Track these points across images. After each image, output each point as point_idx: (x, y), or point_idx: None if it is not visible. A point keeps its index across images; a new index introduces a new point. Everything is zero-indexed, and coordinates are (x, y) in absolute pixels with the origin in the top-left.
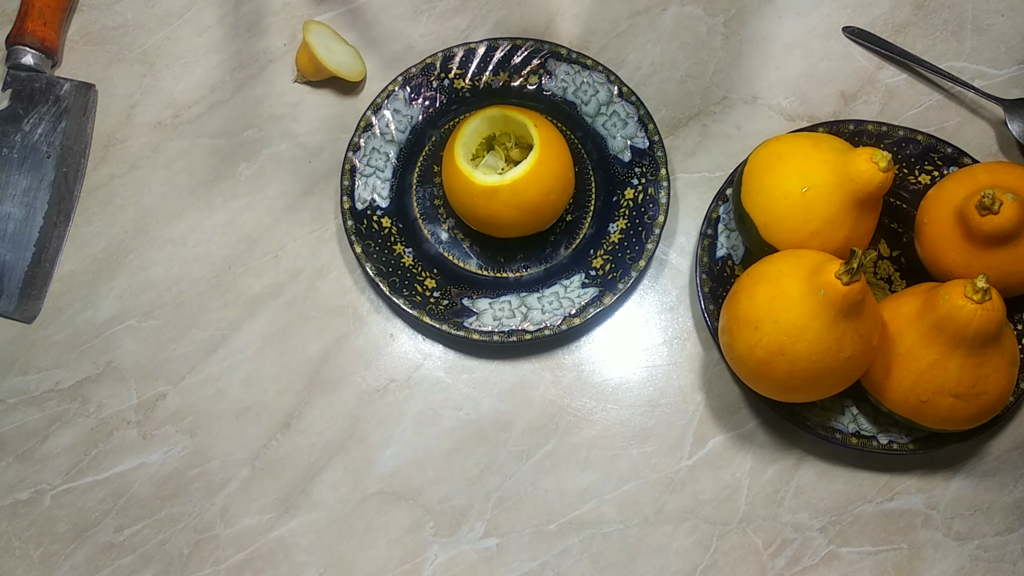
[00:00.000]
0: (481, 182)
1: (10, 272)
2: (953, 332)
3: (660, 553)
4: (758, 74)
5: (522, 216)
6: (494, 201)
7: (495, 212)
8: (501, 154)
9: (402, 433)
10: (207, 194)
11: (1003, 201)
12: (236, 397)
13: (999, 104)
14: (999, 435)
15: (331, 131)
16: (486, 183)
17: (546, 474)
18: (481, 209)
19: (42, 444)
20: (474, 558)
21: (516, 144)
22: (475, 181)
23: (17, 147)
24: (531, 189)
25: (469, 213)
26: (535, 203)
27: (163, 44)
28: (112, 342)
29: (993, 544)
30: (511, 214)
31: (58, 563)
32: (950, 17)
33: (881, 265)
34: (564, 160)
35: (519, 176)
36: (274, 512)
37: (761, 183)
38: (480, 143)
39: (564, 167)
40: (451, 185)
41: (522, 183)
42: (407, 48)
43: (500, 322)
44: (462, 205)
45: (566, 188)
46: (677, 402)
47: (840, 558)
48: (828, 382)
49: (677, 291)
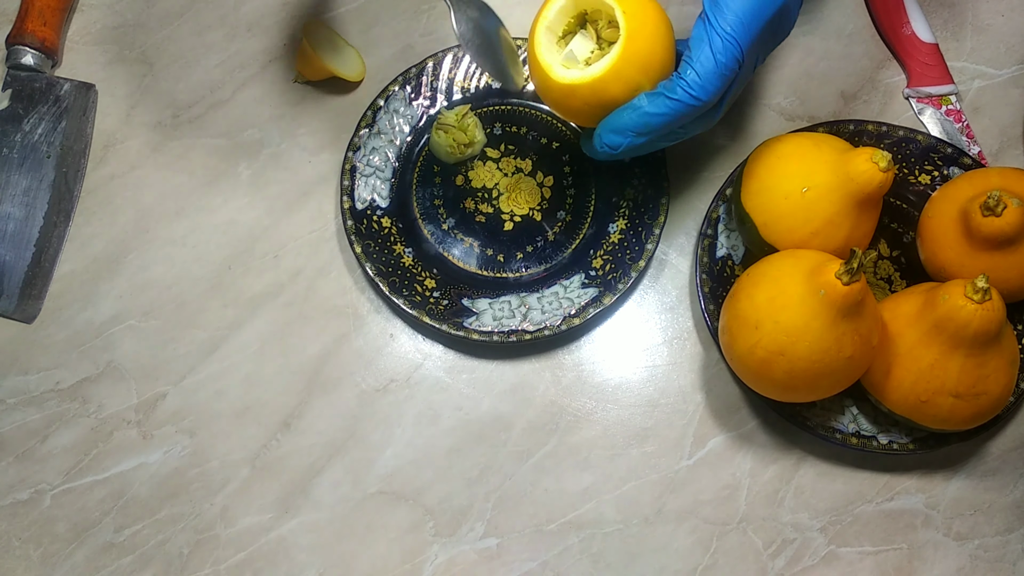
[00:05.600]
0: (558, 78)
1: (10, 272)
2: (953, 332)
3: (660, 553)
4: (758, 74)
5: (605, 113)
6: (573, 99)
7: (575, 110)
8: (592, 35)
9: (402, 433)
10: (207, 194)
11: (1008, 204)
12: (236, 397)
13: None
14: (999, 435)
15: (331, 131)
16: (563, 80)
17: (546, 474)
18: (560, 106)
19: (42, 444)
20: (474, 558)
21: (610, 24)
22: (552, 77)
23: (17, 147)
24: (612, 88)
25: (551, 106)
26: (619, 102)
27: (163, 44)
28: (112, 342)
29: (993, 544)
30: (593, 112)
31: (58, 563)
32: (950, 17)
33: (881, 265)
34: (656, 50)
35: (598, 75)
36: (274, 512)
37: (761, 183)
38: (570, 21)
39: (656, 58)
40: (532, 75)
41: (601, 82)
42: (407, 48)
43: (500, 322)
44: (543, 97)
45: (658, 80)
46: (677, 402)
47: (840, 558)
48: (828, 382)
49: (677, 291)
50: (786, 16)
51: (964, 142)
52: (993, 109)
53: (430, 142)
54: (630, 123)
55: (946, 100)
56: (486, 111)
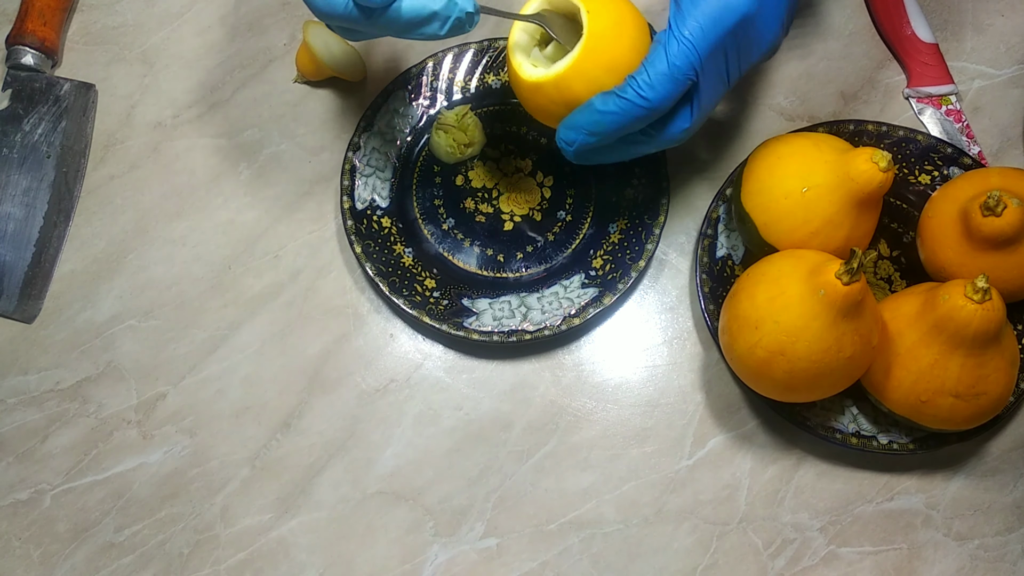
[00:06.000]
0: (525, 76)
1: (10, 272)
2: (953, 332)
3: (660, 553)
4: (758, 74)
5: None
6: (539, 97)
7: (543, 108)
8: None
9: (402, 433)
10: (207, 194)
11: (1007, 205)
12: (236, 397)
13: None
14: (999, 435)
15: (331, 131)
16: (529, 78)
17: (546, 474)
18: (529, 105)
19: (42, 444)
20: (474, 558)
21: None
22: (520, 75)
23: (17, 147)
24: (575, 86)
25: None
26: (583, 100)
27: (163, 44)
28: (112, 342)
29: (993, 544)
30: (559, 111)
31: (58, 563)
32: (950, 17)
33: (881, 265)
34: (622, 49)
35: (560, 73)
36: (274, 512)
37: (761, 183)
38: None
39: (623, 58)
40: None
41: (564, 80)
42: (407, 48)
43: (500, 322)
44: (517, 97)
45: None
46: (677, 402)
47: (840, 558)
48: (828, 382)
49: (677, 291)
50: (751, 27)
51: (964, 142)
52: (993, 109)
53: (430, 142)
54: (582, 121)
55: (946, 100)
56: (486, 111)
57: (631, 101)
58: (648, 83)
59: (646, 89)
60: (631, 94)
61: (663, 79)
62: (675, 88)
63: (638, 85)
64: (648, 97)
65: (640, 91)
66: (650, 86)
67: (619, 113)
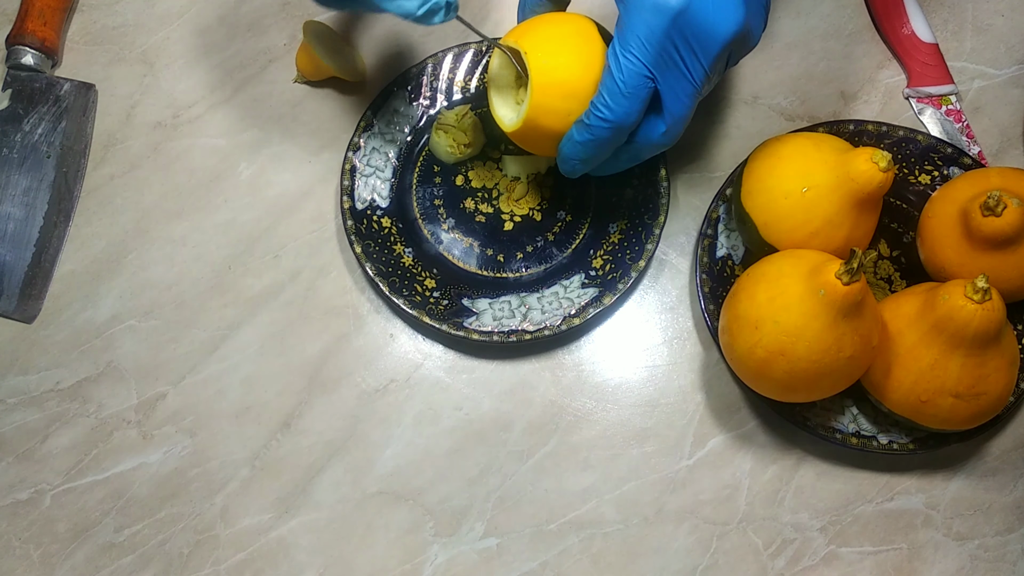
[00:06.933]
0: (506, 127)
1: (10, 272)
2: (953, 332)
3: (660, 553)
4: (758, 74)
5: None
6: (525, 141)
7: (535, 146)
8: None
9: (402, 433)
10: (207, 194)
11: (1007, 205)
12: (236, 397)
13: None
14: (999, 435)
15: (331, 131)
16: (508, 127)
17: (546, 474)
18: (524, 146)
19: (42, 444)
20: (474, 558)
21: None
22: (503, 127)
23: (17, 147)
24: (545, 122)
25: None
26: (562, 130)
27: (163, 44)
28: (112, 342)
29: (993, 544)
30: (548, 144)
31: (58, 563)
32: (950, 17)
33: (881, 265)
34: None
35: (525, 117)
36: (274, 512)
37: (761, 183)
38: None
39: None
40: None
41: (531, 122)
42: (407, 48)
43: (500, 322)
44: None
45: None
46: (677, 402)
47: (840, 558)
48: (828, 382)
49: (677, 291)
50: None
51: (964, 142)
52: (993, 109)
53: (430, 142)
54: (569, 152)
55: (946, 100)
56: (486, 111)
57: (596, 126)
58: (604, 104)
59: (605, 111)
60: (594, 119)
61: (617, 97)
62: (632, 102)
63: (598, 108)
64: (609, 118)
65: (600, 114)
66: (607, 107)
67: (593, 139)
